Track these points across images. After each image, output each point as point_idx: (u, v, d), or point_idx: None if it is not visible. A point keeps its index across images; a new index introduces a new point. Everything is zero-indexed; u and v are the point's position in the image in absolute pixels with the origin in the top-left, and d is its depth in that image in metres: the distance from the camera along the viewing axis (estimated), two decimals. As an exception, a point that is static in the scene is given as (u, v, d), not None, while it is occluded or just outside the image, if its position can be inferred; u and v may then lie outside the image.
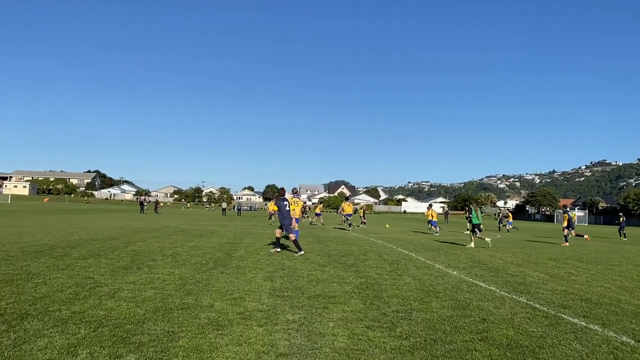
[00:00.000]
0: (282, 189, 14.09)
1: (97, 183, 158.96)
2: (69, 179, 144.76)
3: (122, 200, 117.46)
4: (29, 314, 5.47)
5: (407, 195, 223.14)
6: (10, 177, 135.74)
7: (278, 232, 13.90)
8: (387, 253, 14.09)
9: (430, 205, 32.75)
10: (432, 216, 29.61)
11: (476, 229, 18.09)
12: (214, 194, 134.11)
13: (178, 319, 5.56)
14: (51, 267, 9.02)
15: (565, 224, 21.31)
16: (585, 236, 24.54)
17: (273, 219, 33.41)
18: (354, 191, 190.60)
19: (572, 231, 22.24)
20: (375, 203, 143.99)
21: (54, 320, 5.27)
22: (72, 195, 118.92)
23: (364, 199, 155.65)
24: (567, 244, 20.56)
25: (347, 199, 31.44)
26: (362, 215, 36.49)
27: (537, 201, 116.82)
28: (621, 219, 30.92)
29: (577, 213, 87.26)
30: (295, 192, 14.15)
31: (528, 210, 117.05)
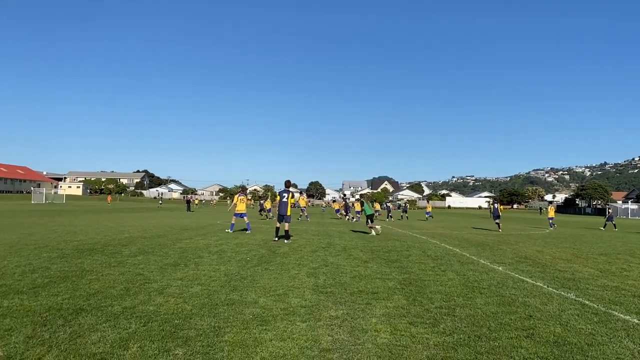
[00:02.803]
0: (288, 181, 15.54)
1: (145, 182, 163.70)
2: (119, 178, 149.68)
3: (169, 199, 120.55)
4: (83, 309, 5.73)
5: (451, 190, 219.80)
6: (65, 177, 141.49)
7: (278, 223, 15.22)
8: (430, 249, 13.96)
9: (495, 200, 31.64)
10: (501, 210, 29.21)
11: (369, 220, 20.05)
12: (258, 191, 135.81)
13: (224, 314, 5.71)
14: (103, 264, 9.39)
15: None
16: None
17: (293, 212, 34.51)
18: (397, 187, 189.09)
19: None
20: (419, 198, 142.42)
21: (106, 315, 5.51)
22: (122, 194, 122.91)
23: (407, 195, 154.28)
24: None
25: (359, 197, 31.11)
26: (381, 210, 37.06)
27: (588, 194, 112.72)
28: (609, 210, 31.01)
29: (631, 206, 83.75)
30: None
31: (578, 204, 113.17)
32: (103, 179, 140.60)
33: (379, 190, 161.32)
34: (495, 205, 26.46)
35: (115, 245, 12.90)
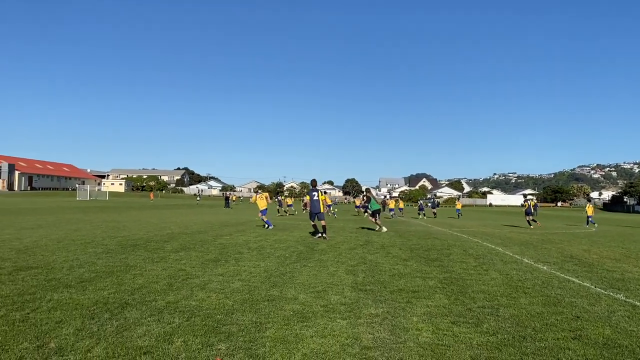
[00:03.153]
0: (314, 180, 16.15)
1: (186, 179, 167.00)
2: (160, 176, 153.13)
3: (209, 196, 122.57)
4: (128, 304, 5.88)
5: (493, 188, 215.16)
6: (108, 175, 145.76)
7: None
8: (472, 247, 13.71)
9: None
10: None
11: (376, 214, 19.70)
12: (294, 188, 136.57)
13: (264, 310, 5.75)
14: (147, 259, 9.62)
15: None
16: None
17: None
18: (435, 184, 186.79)
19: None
20: (459, 196, 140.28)
21: (150, 309, 5.63)
22: (163, 191, 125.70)
23: (446, 192, 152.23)
24: None
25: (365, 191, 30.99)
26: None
27: (637, 192, 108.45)
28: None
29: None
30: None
31: (626, 202, 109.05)
32: (144, 176, 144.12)
33: (416, 187, 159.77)
34: (528, 202, 27.48)
35: (157, 241, 13.20)
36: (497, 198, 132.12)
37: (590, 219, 29.16)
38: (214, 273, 8.21)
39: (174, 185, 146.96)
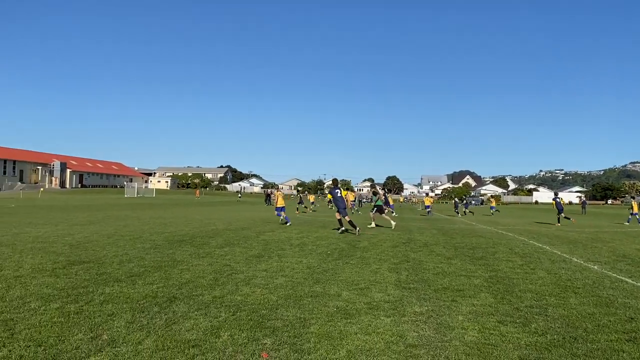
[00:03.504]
0: (335, 180, 17.50)
1: (228, 177, 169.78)
2: (204, 173, 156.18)
3: (251, 193, 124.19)
4: (176, 298, 6.03)
5: (539, 185, 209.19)
6: (154, 173, 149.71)
7: (338, 215, 16.18)
8: (518, 246, 13.39)
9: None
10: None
11: (385, 208, 20.24)
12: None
13: (308, 306, 5.79)
14: (193, 255, 9.83)
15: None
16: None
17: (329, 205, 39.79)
18: (479, 181, 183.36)
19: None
20: (504, 193, 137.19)
21: (197, 304, 5.76)
22: (207, 188, 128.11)
23: (490, 190, 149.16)
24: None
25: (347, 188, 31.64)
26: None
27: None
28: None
29: None
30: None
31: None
32: (189, 174, 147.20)
33: (460, 185, 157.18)
34: (558, 199, 27.11)
35: (202, 237, 13.47)
36: (543, 195, 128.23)
37: (636, 215, 28.95)
38: (258, 269, 8.32)
39: (217, 182, 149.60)
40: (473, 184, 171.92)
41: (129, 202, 49.06)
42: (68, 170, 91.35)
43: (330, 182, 17.97)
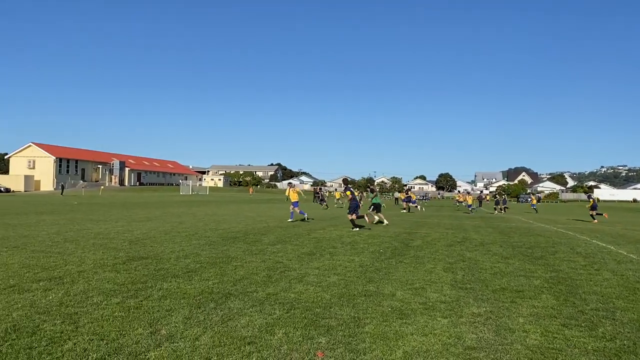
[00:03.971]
0: (346, 179, 19.63)
1: (279, 175, 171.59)
2: (255, 171, 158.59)
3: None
4: (231, 294, 6.10)
5: (600, 182, 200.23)
6: (208, 171, 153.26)
7: (351, 216, 16.16)
8: (579, 245, 12.82)
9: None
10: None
11: (375, 209, 20.09)
12: (385, 183, 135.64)
13: (362, 305, 5.72)
14: (246, 251, 9.95)
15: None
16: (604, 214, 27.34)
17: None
18: (536, 178, 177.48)
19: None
20: (561, 191, 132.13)
21: (252, 300, 5.80)
22: (258, 186, 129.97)
23: (547, 187, 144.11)
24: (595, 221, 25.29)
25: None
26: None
27: None
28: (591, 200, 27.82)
29: None
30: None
31: None
32: (241, 172, 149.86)
33: (515, 182, 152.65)
34: (593, 198, 27.82)
35: (255, 234, 13.63)
36: (605, 193, 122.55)
37: None
38: (310, 266, 8.32)
39: (267, 180, 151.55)
40: (529, 180, 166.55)
41: (184, 199, 50.43)
42: (127, 169, 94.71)
43: (342, 181, 19.95)
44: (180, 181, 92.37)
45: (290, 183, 22.72)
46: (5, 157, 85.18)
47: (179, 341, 4.23)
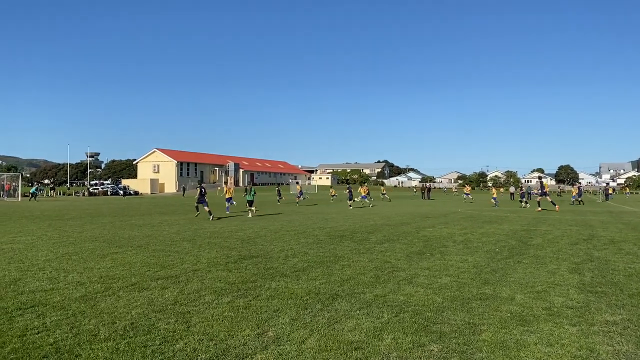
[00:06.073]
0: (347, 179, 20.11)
1: (386, 172, 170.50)
2: (362, 169, 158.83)
3: (409, 188, 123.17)
4: (338, 295, 5.97)
5: None
6: (316, 170, 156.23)
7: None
8: None
9: None
10: None
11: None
12: (499, 178, 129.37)
13: (477, 309, 5.31)
14: (353, 250, 9.82)
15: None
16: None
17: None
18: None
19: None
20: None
21: (359, 302, 5.62)
22: (365, 184, 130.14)
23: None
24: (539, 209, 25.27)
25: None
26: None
27: None
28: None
29: None
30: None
31: None
32: (348, 170, 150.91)
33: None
34: (542, 182, 27.23)
35: (362, 232, 13.48)
36: None
37: None
38: (420, 267, 7.98)
39: (374, 177, 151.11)
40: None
41: (293, 198, 51.68)
42: (241, 170, 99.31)
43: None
44: (290, 180, 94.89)
45: (225, 182, 25.61)
46: (134, 162, 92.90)
47: (285, 344, 4.16)
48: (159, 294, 5.93)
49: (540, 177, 30.61)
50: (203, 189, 20.03)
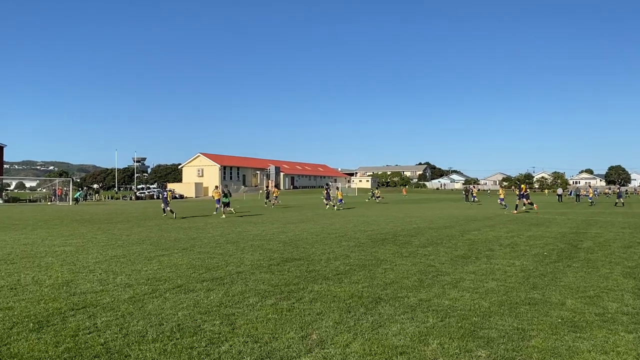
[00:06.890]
0: (328, 183, 20.71)
1: (427, 174, 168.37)
2: (403, 171, 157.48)
3: (452, 190, 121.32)
4: (381, 299, 5.90)
5: None
6: (356, 173, 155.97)
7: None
8: None
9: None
10: None
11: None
12: (546, 179, 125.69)
13: (526, 315, 5.16)
14: (396, 254, 9.71)
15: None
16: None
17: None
18: None
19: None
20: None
21: (403, 306, 5.54)
22: (406, 186, 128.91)
23: None
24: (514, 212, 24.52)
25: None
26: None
27: None
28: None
29: None
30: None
31: None
32: (388, 173, 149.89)
33: None
34: (521, 185, 29.06)
35: (404, 235, 13.33)
36: None
37: None
38: (465, 270, 7.82)
39: (416, 180, 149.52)
40: None
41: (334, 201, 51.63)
42: (282, 174, 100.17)
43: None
44: (330, 183, 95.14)
45: (216, 186, 27.74)
46: (179, 167, 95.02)
47: (330, 347, 4.14)
48: (205, 296, 6.01)
49: (519, 181, 35.43)
50: (166, 193, 25.22)
